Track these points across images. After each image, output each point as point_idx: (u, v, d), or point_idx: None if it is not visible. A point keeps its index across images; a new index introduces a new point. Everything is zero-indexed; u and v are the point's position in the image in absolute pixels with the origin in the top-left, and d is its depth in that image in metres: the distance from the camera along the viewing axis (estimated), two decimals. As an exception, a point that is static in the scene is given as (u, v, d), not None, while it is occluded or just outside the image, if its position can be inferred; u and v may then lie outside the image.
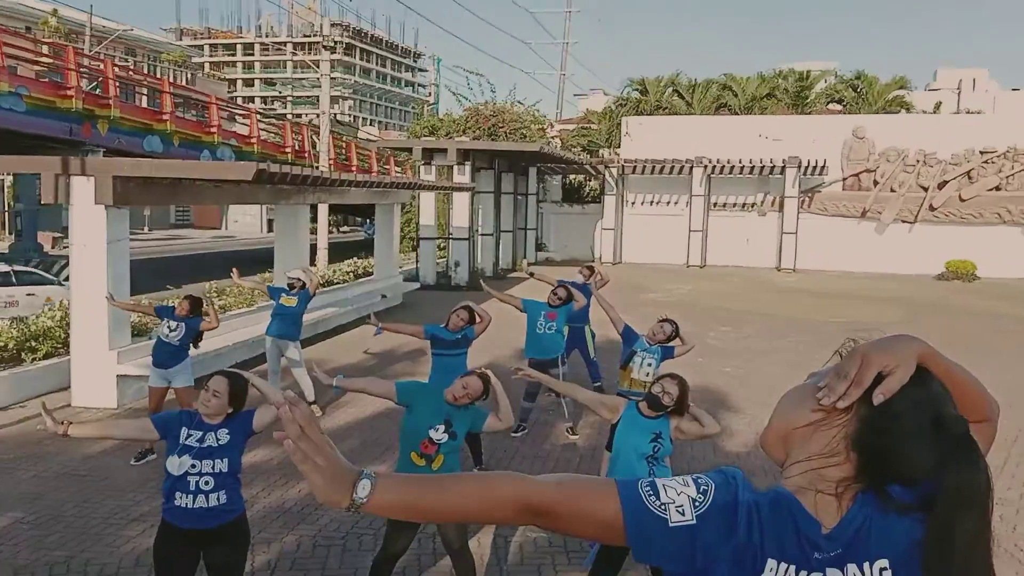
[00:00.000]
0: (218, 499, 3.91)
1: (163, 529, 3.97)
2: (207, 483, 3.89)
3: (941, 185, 26.48)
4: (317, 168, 21.81)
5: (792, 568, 1.28)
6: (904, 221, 26.67)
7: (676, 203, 28.51)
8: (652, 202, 28.84)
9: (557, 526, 1.33)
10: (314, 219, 22.76)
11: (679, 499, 1.29)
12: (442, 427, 4.49)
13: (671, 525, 1.27)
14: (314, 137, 27.13)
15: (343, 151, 29.14)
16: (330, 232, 26.98)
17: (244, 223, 51.79)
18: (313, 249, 19.63)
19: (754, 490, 1.35)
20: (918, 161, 26.73)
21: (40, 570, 5.24)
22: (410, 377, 9.13)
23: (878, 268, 25.63)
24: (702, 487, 1.31)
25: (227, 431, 3.97)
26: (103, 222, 8.94)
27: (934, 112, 34.20)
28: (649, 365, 6.90)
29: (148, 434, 4.06)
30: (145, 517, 6.11)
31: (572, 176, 31.53)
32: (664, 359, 6.92)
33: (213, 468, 3.91)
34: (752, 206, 28.31)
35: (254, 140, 25.49)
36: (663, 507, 1.28)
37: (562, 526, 1.33)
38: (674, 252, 27.97)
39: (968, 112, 35.24)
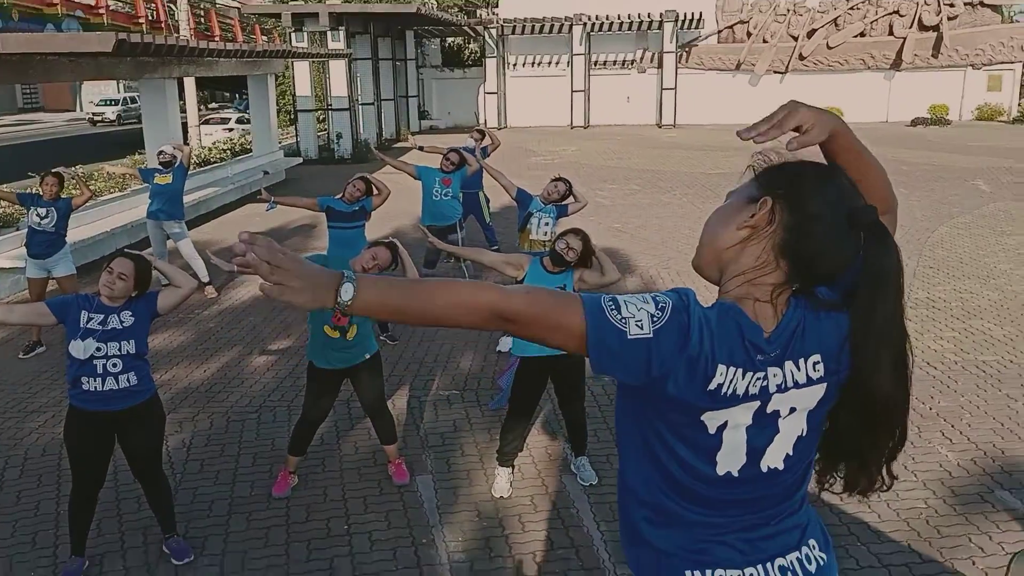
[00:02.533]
0: (128, 380, 3.84)
1: (72, 415, 3.89)
2: (115, 365, 3.79)
3: (810, 34, 27.14)
4: (178, 39, 20.35)
5: (739, 371, 1.40)
6: (776, 72, 27.36)
7: (557, 63, 28.25)
8: (534, 63, 28.47)
9: (524, 332, 1.41)
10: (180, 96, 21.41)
11: (639, 315, 1.38)
12: None
13: (629, 338, 1.36)
14: (171, 5, 25.15)
15: (203, 20, 27.20)
16: (199, 110, 25.53)
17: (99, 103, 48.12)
18: (184, 128, 18.61)
19: (703, 305, 1.44)
20: (788, 10, 27.20)
21: (-59, 470, 5.07)
22: (303, 252, 9.00)
23: (753, 119, 26.12)
24: (660, 304, 1.40)
25: (130, 313, 3.85)
26: (-51, 105, 8.17)
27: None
28: (547, 225, 7.01)
29: (44, 318, 3.89)
30: (44, 408, 5.95)
31: (451, 39, 30.63)
32: (560, 217, 7.04)
33: (120, 350, 3.81)
34: (631, 63, 28.38)
35: (103, 11, 23.40)
36: (623, 321, 1.37)
37: (528, 332, 1.41)
38: (557, 114, 27.94)
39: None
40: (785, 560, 1.53)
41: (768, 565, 1.51)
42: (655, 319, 1.38)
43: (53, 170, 7.30)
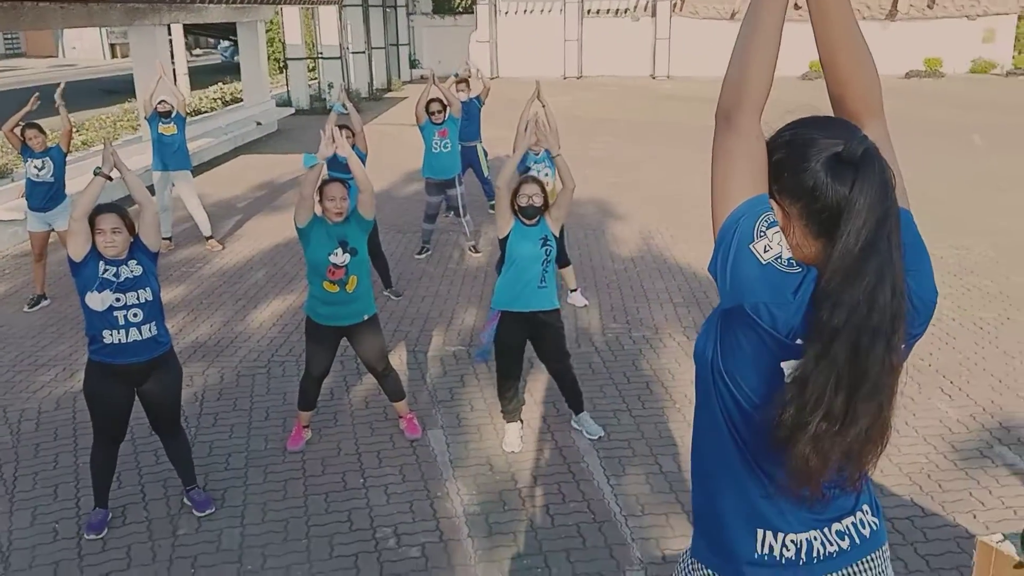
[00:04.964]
0: (150, 330, 3.87)
1: (93, 370, 3.92)
2: (135, 315, 3.82)
3: (806, -16, 26.81)
4: (165, -16, 19.88)
5: None
6: (771, 23, 27.05)
7: (550, 11, 27.83)
8: (526, 11, 28.03)
9: None
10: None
11: (774, 246, 1.43)
12: (340, 250, 4.51)
13: (762, 259, 1.43)
14: (156, -52, 24.52)
15: (190, -36, 26.55)
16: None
17: (83, 49, 47.13)
18: (173, 76, 18.28)
19: None
20: (785, -40, 26.78)
21: (-45, 423, 5.12)
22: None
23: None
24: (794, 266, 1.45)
25: (135, 261, 3.86)
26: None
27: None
28: (546, 175, 7.01)
29: (81, 245, 3.78)
30: (54, 362, 5.99)
31: (441, -15, 30.07)
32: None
33: (139, 299, 3.83)
34: (626, 11, 27.99)
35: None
36: (760, 238, 1.44)
37: None
38: (550, 64, 27.57)
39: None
40: (841, 524, 1.60)
41: (826, 529, 1.58)
42: (778, 260, 1.46)
43: (27, 124, 7.08)
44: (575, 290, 7.03)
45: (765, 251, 1.42)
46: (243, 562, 3.82)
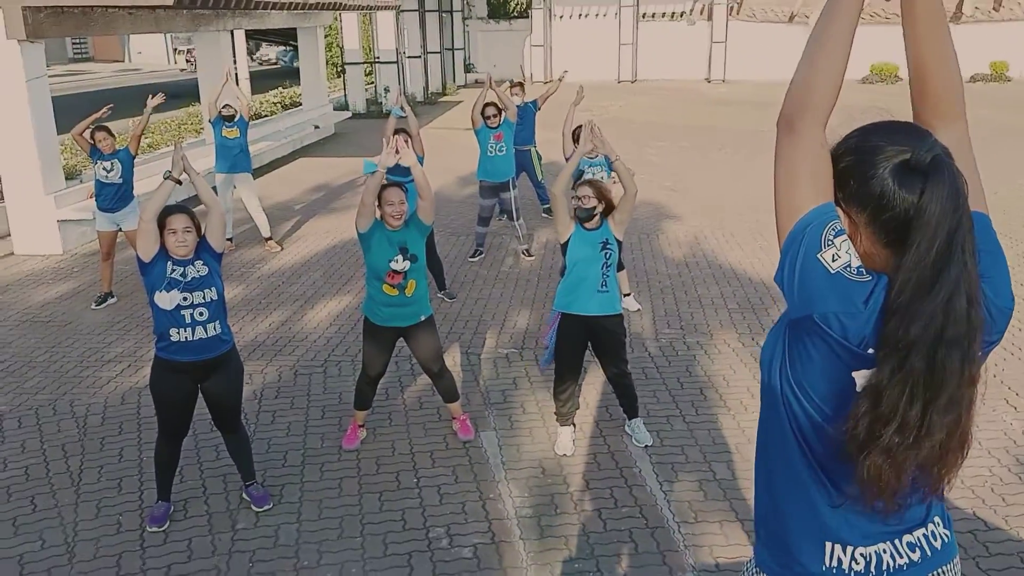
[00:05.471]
0: (215, 328, 3.98)
1: (160, 367, 4.03)
2: (201, 314, 3.93)
3: (868, -14, 26.34)
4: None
5: None
6: (831, 25, 26.60)
7: (605, 15, 27.77)
8: (581, 15, 28.01)
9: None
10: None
11: (843, 255, 1.42)
12: (400, 256, 4.56)
13: (830, 268, 1.42)
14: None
15: (251, -30, 27.15)
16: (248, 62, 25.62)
17: (148, 54, 48.48)
18: (236, 80, 18.69)
19: None
20: (846, -38, 26.30)
21: (27, 416, 5.31)
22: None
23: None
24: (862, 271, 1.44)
25: (202, 262, 3.98)
26: (18, 58, 8.35)
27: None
28: (602, 177, 7.00)
29: (151, 244, 3.87)
30: (120, 358, 6.17)
31: (497, -10, 30.23)
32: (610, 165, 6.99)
33: (204, 298, 3.94)
34: (681, 15, 27.80)
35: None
36: (828, 247, 1.42)
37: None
38: (605, 68, 27.51)
39: (896, -92, 34.43)
40: (913, 536, 1.57)
41: (896, 541, 1.56)
42: (848, 268, 1.44)
43: (97, 127, 7.30)
44: (628, 294, 7.00)
45: (833, 260, 1.40)
46: (299, 557, 3.90)
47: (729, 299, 7.20)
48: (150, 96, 7.83)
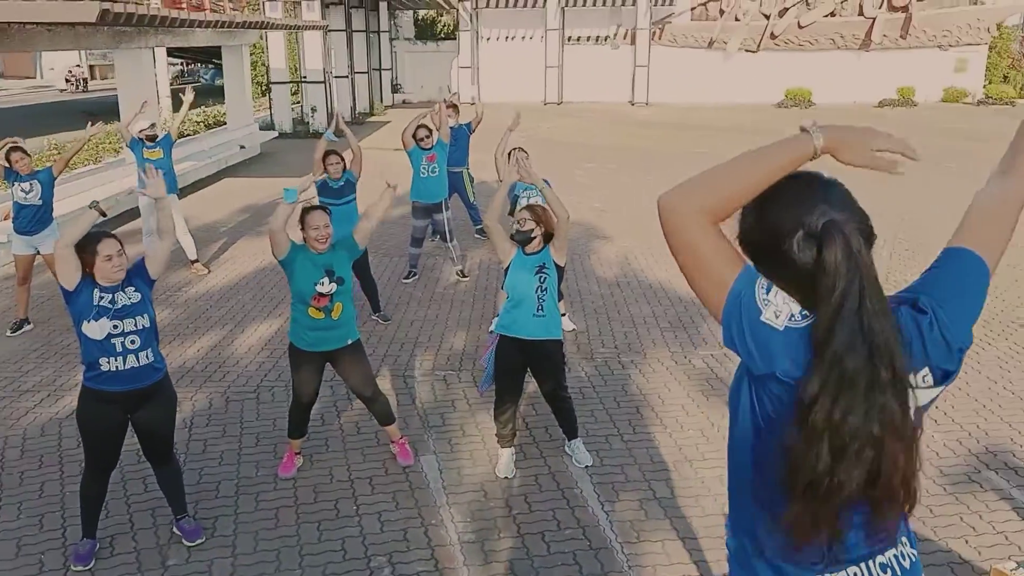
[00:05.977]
0: (147, 356, 3.85)
1: (88, 397, 3.87)
2: (133, 342, 3.80)
3: (782, 12, 27.25)
4: (159, 9, 19.92)
5: None
6: (747, 50, 27.46)
7: (531, 38, 28.10)
8: (508, 38, 28.28)
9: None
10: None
11: (782, 308, 1.50)
12: (326, 279, 4.50)
13: (778, 327, 1.49)
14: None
15: (172, -13, 26.57)
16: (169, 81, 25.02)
17: (61, 70, 46.83)
18: (156, 98, 18.22)
19: None
20: (762, -11, 27.26)
21: (-62, 450, 5.02)
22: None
23: (724, 98, 26.51)
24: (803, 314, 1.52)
25: (133, 288, 3.85)
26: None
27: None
28: (537, 203, 7.03)
29: (71, 275, 3.76)
30: (38, 388, 5.91)
31: (424, 11, 30.28)
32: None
33: (136, 326, 3.81)
34: (606, 39, 28.32)
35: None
36: (767, 306, 1.49)
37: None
38: (531, 90, 27.80)
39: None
40: (884, 557, 1.62)
41: (870, 563, 1.60)
42: (791, 318, 1.54)
43: (12, 147, 7.01)
44: (564, 315, 7.05)
45: (776, 316, 1.49)
46: (236, 592, 3.78)
47: (660, 318, 7.31)
48: (89, 123, 7.62)
